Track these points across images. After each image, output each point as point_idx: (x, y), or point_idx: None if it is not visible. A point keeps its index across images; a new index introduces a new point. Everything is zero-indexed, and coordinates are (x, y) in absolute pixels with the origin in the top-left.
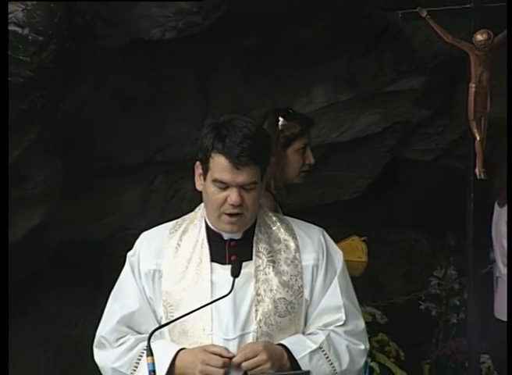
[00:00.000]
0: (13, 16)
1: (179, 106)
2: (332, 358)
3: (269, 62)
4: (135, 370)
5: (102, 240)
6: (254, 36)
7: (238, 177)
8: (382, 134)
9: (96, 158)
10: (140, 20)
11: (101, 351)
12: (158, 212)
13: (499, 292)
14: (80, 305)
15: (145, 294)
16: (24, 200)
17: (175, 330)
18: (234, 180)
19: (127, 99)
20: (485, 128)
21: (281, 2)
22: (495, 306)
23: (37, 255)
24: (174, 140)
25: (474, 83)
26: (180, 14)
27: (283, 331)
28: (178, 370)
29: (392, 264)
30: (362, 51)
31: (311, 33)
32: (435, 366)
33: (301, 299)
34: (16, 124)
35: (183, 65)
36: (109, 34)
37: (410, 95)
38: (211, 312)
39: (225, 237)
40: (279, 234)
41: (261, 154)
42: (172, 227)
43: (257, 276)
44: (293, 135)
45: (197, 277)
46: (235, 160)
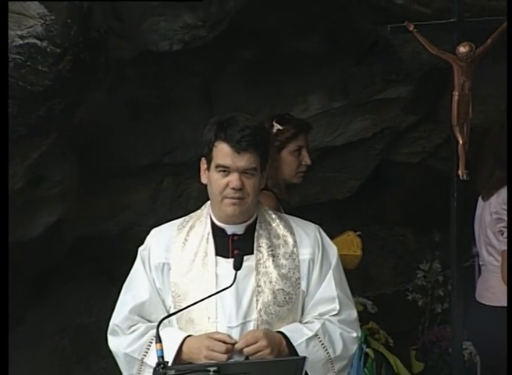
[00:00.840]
0: (33, 30)
1: (185, 113)
2: (326, 345)
3: (268, 72)
4: (145, 355)
5: (115, 236)
6: (255, 48)
7: (239, 162)
8: (372, 139)
9: (109, 160)
10: (149, 34)
11: (115, 338)
12: (166, 210)
13: (481, 278)
14: (94, 296)
15: (155, 286)
16: (43, 199)
17: (182, 318)
18: (235, 163)
19: (138, 106)
20: (468, 133)
21: (279, 17)
22: (477, 291)
23: (55, 250)
24: (181, 144)
25: (457, 91)
26: (186, 28)
27: (282, 320)
28: (185, 355)
29: (381, 258)
30: (354, 62)
31: (307, 46)
32: (421, 351)
33: (298, 290)
34: (35, 129)
35: (189, 75)
36: (121, 47)
37: (398, 103)
38: (216, 302)
39: (229, 232)
40: (278, 230)
41: (260, 143)
42: (179, 224)
43: (257, 269)
44: (287, 138)
45: (203, 270)
46: (235, 145)
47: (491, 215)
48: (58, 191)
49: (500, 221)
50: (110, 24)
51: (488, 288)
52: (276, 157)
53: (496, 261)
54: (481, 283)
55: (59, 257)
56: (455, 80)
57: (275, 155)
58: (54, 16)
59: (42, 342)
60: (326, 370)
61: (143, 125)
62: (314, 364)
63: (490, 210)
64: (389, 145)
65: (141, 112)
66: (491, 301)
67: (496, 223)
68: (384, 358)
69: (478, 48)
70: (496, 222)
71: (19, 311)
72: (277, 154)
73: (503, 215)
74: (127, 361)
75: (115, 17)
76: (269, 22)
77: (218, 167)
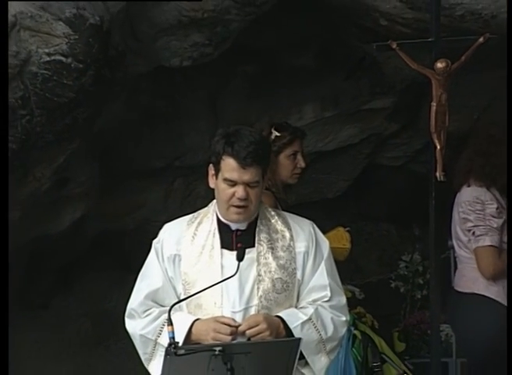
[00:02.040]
0: (59, 48)
1: (193, 122)
2: (319, 328)
3: (267, 85)
4: (159, 336)
5: (131, 230)
6: (255, 64)
7: (244, 176)
8: (359, 144)
9: (126, 163)
10: (162, 51)
11: (131, 321)
12: (177, 207)
13: (458, 269)
14: (113, 284)
15: (167, 275)
16: (68, 198)
17: (191, 304)
18: (241, 178)
19: (151, 116)
20: (444, 139)
21: (277, 36)
22: (454, 280)
23: (79, 243)
24: (190, 149)
25: (435, 102)
26: (195, 46)
27: (280, 305)
28: (194, 337)
29: (367, 250)
30: (343, 77)
31: (302, 62)
32: (403, 333)
33: (294, 279)
34: (61, 136)
35: (197, 88)
36: (137, 63)
37: (382, 112)
38: (221, 289)
39: (233, 228)
40: (276, 226)
41: (263, 157)
42: (189, 220)
43: (258, 260)
44: (283, 144)
45: (210, 261)
46: (242, 161)
47: (459, 214)
48: (82, 190)
49: (466, 221)
50: (127, 43)
51: (461, 277)
52: (274, 160)
53: (466, 253)
54: (457, 273)
55: (82, 249)
56: (433, 93)
57: (273, 159)
58: (77, 35)
59: (67, 325)
60: (319, 350)
61: (156, 132)
62: (308, 344)
63: (458, 210)
64: (375, 150)
65: (154, 120)
66: (464, 288)
67: (463, 222)
68: (370, 339)
69: (453, 64)
70: (463, 221)
71: (46, 297)
72: (275, 157)
73: (469, 215)
74: (143, 341)
75: (131, 37)
76: (268, 41)
77: (226, 180)
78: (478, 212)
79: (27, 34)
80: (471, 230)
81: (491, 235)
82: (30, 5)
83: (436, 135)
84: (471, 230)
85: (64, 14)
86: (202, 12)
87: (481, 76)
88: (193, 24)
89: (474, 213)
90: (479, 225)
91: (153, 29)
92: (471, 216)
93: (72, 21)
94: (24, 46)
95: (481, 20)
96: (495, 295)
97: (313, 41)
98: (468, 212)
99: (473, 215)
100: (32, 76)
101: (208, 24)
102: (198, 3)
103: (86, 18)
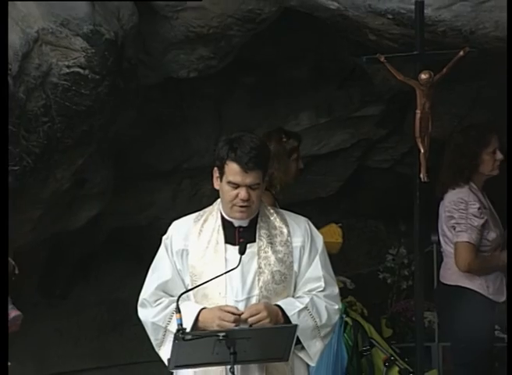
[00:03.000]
0: (77, 61)
1: (199, 128)
2: (314, 315)
3: (267, 94)
4: (168, 323)
5: (143, 227)
6: (255, 75)
7: (246, 179)
8: (351, 148)
9: (138, 166)
10: (170, 64)
11: (144, 310)
12: (184, 206)
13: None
14: (127, 275)
15: (176, 267)
16: (86, 196)
17: (198, 294)
18: (243, 181)
19: (161, 122)
20: (428, 143)
21: (275, 50)
22: (440, 273)
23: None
24: (196, 152)
25: (419, 110)
26: (201, 59)
27: (278, 295)
28: (200, 324)
29: (358, 244)
30: (336, 87)
31: (298, 73)
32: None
33: (292, 271)
34: (79, 141)
35: (203, 97)
36: (148, 74)
37: (371, 119)
38: (225, 281)
39: (236, 225)
40: (275, 223)
41: (263, 162)
42: (195, 217)
43: (259, 254)
44: (293, 148)
45: (215, 255)
46: (244, 166)
47: (445, 212)
48: (98, 190)
49: (450, 218)
50: (139, 56)
51: (447, 270)
52: (286, 162)
53: (451, 249)
54: (442, 266)
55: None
56: (417, 101)
57: (285, 161)
58: (94, 49)
59: (84, 312)
60: (314, 336)
61: (165, 137)
62: (304, 331)
63: (444, 208)
64: (364, 154)
65: (164, 127)
66: (449, 280)
67: (448, 220)
68: (360, 325)
69: (436, 75)
70: (448, 218)
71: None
72: (285, 161)
73: (453, 213)
74: (154, 328)
75: (143, 51)
76: (267, 54)
77: (230, 183)
78: (461, 211)
79: (48, 49)
80: (453, 226)
81: (470, 233)
82: (51, 21)
83: (420, 140)
84: (454, 227)
85: (82, 30)
86: (207, 29)
87: (462, 87)
88: (199, 39)
89: (457, 212)
90: (461, 223)
91: (162, 43)
92: (455, 214)
93: (90, 36)
94: (45, 59)
95: (461, 36)
96: (477, 287)
97: (308, 54)
98: (453, 211)
99: (457, 213)
100: (53, 86)
101: (213, 39)
102: (204, 20)
103: (102, 33)
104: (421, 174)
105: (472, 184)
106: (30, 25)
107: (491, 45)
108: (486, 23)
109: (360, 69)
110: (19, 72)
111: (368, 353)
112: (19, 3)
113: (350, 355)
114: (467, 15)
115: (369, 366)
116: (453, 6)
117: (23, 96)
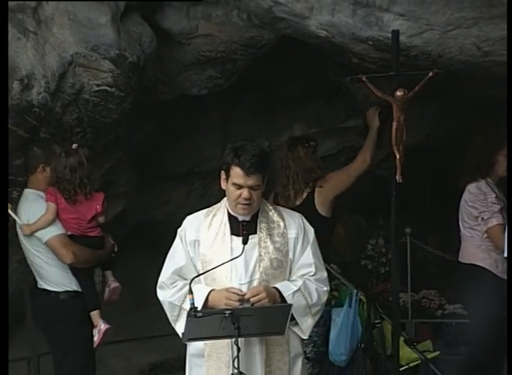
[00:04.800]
0: (105, 80)
1: (208, 137)
2: (306, 296)
3: (266, 108)
4: (183, 303)
5: (161, 221)
6: (256, 92)
7: (248, 181)
8: (337, 154)
9: (157, 169)
10: (184, 82)
11: (162, 291)
12: (196, 203)
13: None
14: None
15: (189, 255)
16: (112, 195)
17: (208, 277)
18: (246, 183)
19: (176, 132)
20: (402, 150)
21: (273, 71)
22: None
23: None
24: (206, 158)
25: (395, 122)
26: (210, 79)
27: (276, 279)
28: (210, 303)
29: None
30: (324, 102)
31: (292, 91)
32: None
33: (287, 259)
34: (107, 148)
35: (212, 110)
36: (165, 91)
37: (354, 130)
38: (231, 266)
39: (240, 219)
40: (273, 217)
41: (263, 166)
42: (206, 213)
43: (259, 244)
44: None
45: (222, 245)
46: (246, 170)
47: (466, 202)
48: (123, 190)
49: (473, 208)
50: (157, 76)
51: (464, 251)
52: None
53: (468, 233)
54: (461, 248)
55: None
56: (393, 114)
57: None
58: (119, 70)
59: None
60: (306, 313)
61: (179, 145)
62: (297, 309)
63: (466, 198)
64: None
65: (178, 136)
66: (465, 260)
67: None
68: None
69: (409, 92)
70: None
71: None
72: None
73: (475, 203)
74: (170, 306)
75: (161, 71)
76: (266, 75)
77: (234, 184)
78: (482, 201)
79: (81, 70)
80: (478, 216)
81: (496, 216)
82: (83, 47)
83: (396, 147)
84: (480, 216)
85: (109, 54)
86: (215, 53)
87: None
88: (208, 62)
89: (479, 202)
90: (484, 211)
91: (177, 65)
92: (476, 204)
93: (116, 60)
94: (78, 79)
95: (430, 59)
96: (488, 266)
97: (301, 75)
98: (475, 201)
99: (478, 203)
100: (84, 102)
101: (220, 62)
102: (212, 46)
103: (126, 57)
104: (396, 176)
105: (489, 179)
106: (65, 50)
107: (455, 67)
108: (451, 48)
109: (345, 88)
110: (56, 90)
111: (379, 325)
112: (56, 31)
113: (364, 326)
114: (436, 41)
115: (380, 336)
116: (424, 34)
117: (59, 110)
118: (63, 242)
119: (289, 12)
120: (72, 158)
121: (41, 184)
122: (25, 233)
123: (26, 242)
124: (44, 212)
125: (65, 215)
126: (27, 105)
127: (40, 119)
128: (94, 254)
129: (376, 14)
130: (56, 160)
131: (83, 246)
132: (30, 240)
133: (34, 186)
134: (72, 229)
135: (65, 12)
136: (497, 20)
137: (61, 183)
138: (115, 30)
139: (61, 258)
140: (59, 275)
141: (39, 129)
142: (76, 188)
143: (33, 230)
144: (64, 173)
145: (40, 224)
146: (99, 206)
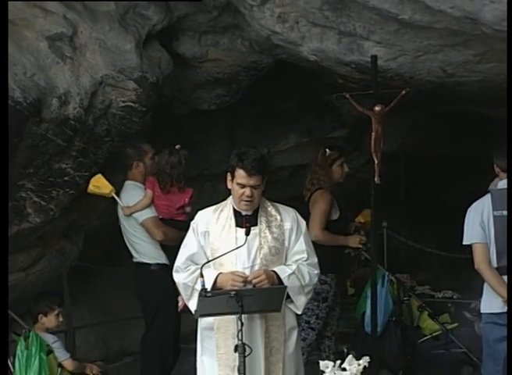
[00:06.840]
0: (129, 97)
1: (216, 145)
2: (300, 278)
3: (265, 121)
4: (195, 284)
5: None
6: (257, 107)
7: (250, 181)
8: None
9: None
10: (197, 99)
11: (177, 274)
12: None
13: None
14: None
15: (200, 244)
16: None
17: (216, 263)
18: (248, 183)
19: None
20: (380, 157)
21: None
22: None
23: None
24: (214, 163)
25: (374, 132)
26: (218, 96)
27: (274, 264)
28: (218, 284)
29: None
30: (314, 116)
31: (287, 106)
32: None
33: (283, 247)
34: None
35: (219, 123)
36: (180, 107)
37: (340, 139)
38: (236, 254)
39: (243, 214)
40: (271, 212)
41: (263, 169)
42: (214, 208)
43: (260, 234)
44: (335, 158)
45: (228, 235)
46: (248, 172)
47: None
48: None
49: None
50: (174, 94)
51: None
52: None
53: None
54: None
55: None
56: (373, 126)
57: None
58: (142, 89)
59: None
60: (299, 292)
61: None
62: (292, 289)
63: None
64: None
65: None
66: None
67: None
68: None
69: (386, 107)
70: None
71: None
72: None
73: None
74: (184, 287)
75: (177, 90)
76: (265, 92)
77: (238, 184)
78: None
79: (110, 89)
80: None
81: None
82: (111, 69)
83: (375, 154)
84: None
85: (133, 76)
86: (222, 74)
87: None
88: (216, 82)
89: None
90: None
91: (190, 84)
92: None
93: (139, 80)
94: (107, 96)
95: (403, 80)
96: None
97: (295, 92)
98: None
99: None
100: (113, 115)
101: (226, 82)
102: (220, 68)
103: (147, 78)
104: (375, 178)
105: None
106: (96, 72)
107: (424, 87)
108: (421, 70)
109: (332, 104)
110: (89, 105)
111: (407, 302)
112: (89, 56)
113: (394, 302)
114: (408, 65)
115: (408, 311)
116: (398, 59)
117: (91, 123)
118: (155, 223)
119: (284, 40)
120: (174, 156)
121: (137, 177)
122: (125, 214)
123: (125, 222)
124: (141, 198)
125: (158, 201)
126: (64, 118)
127: (75, 130)
128: (180, 234)
129: (358, 42)
130: (160, 156)
131: (171, 227)
132: (129, 220)
133: (131, 178)
134: (162, 213)
135: (97, 40)
136: (459, 47)
137: (160, 175)
138: (139, 55)
139: (153, 236)
140: (151, 250)
141: (74, 138)
142: (173, 181)
143: (132, 212)
144: (165, 167)
145: (138, 207)
146: (187, 199)
